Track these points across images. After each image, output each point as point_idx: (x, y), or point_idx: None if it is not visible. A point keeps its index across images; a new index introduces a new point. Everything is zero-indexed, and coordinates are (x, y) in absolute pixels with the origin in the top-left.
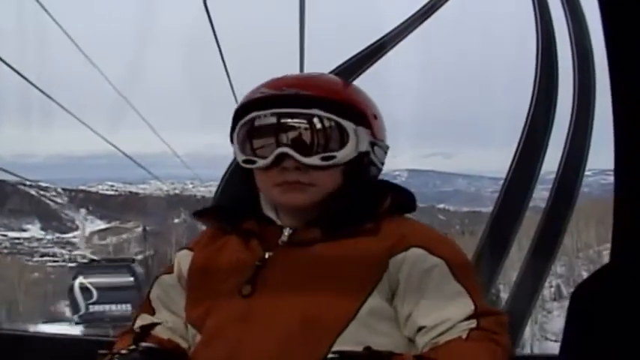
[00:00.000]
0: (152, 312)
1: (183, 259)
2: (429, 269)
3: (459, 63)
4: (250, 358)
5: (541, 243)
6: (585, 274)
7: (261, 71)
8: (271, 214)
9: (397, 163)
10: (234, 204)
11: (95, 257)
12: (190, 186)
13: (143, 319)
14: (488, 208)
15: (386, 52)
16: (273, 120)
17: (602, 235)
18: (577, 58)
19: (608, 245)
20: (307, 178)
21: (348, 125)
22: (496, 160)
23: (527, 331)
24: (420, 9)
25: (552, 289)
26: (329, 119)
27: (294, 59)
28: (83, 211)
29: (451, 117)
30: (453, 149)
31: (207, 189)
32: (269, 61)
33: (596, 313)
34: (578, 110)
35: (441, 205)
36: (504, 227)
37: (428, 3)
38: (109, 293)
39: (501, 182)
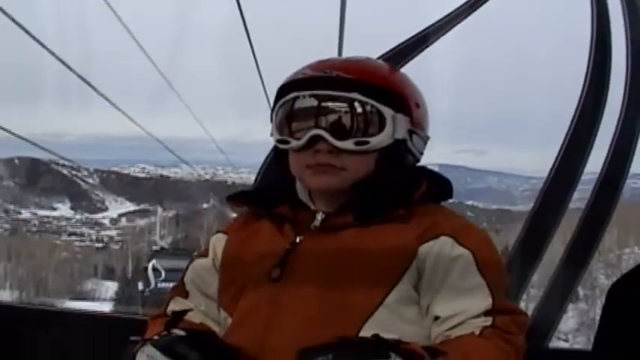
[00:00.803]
0: (186, 295)
1: (217, 243)
2: (454, 259)
3: (500, 61)
4: (278, 341)
5: (578, 242)
6: (602, 278)
7: (297, 61)
8: (305, 199)
9: (429, 157)
10: (268, 188)
11: (121, 239)
12: (222, 172)
13: (176, 303)
14: (517, 207)
15: (428, 46)
16: (312, 101)
17: (623, 239)
18: (631, 58)
19: (628, 250)
20: (339, 161)
21: (387, 111)
22: (529, 160)
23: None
24: (466, 2)
25: None
26: (367, 104)
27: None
28: (114, 192)
29: (487, 114)
30: (486, 146)
31: (239, 175)
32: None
33: (632, 311)
34: (627, 112)
35: (470, 202)
36: (543, 225)
37: None
38: (174, 274)
39: (532, 181)
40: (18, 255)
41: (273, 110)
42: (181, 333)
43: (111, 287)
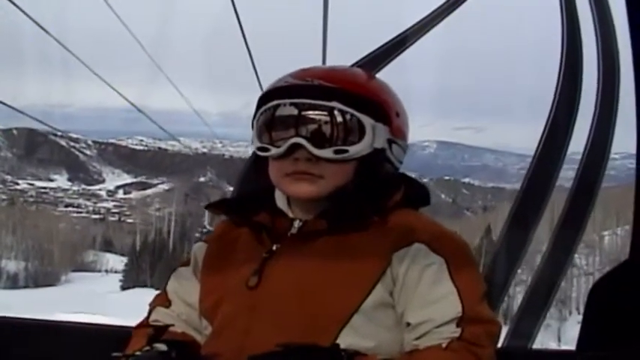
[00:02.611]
0: (168, 304)
1: (198, 252)
2: (427, 266)
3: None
4: (256, 349)
5: (566, 223)
6: (579, 260)
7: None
8: (284, 207)
9: (427, 134)
10: (248, 197)
11: (117, 210)
12: (219, 145)
13: (158, 313)
14: (512, 185)
15: (409, 46)
16: (292, 110)
17: (600, 221)
18: (601, 37)
19: (608, 232)
20: (317, 169)
21: (366, 120)
22: (527, 137)
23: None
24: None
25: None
26: (347, 113)
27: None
28: (111, 164)
29: (488, 91)
30: (486, 123)
31: (235, 149)
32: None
33: (615, 309)
34: (603, 92)
35: (466, 180)
36: (530, 206)
37: None
38: None
39: (529, 159)
40: (18, 226)
41: (254, 117)
42: (162, 347)
43: (111, 260)
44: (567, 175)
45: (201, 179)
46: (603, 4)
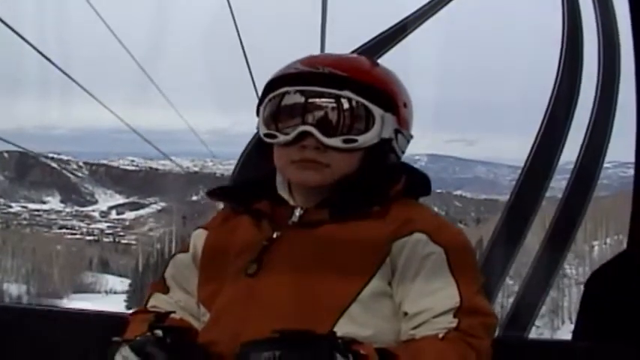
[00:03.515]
0: (166, 290)
1: (197, 239)
2: (427, 256)
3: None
4: (254, 336)
5: (555, 233)
6: (569, 270)
7: (280, 54)
8: (285, 194)
9: (418, 147)
10: (248, 184)
11: (111, 231)
12: (210, 164)
13: (157, 299)
14: (505, 196)
15: (408, 34)
16: (302, 98)
17: (590, 231)
18: (603, 48)
19: (597, 242)
20: (325, 158)
21: (376, 110)
22: (517, 149)
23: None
24: None
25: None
26: (357, 102)
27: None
28: (103, 185)
29: (477, 104)
30: (476, 136)
31: (226, 167)
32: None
33: (610, 300)
34: (601, 100)
35: (458, 192)
36: (520, 216)
37: None
38: None
39: (519, 171)
40: (16, 249)
41: (260, 103)
42: (158, 333)
43: (110, 280)
44: (559, 185)
45: (194, 198)
46: (609, 8)
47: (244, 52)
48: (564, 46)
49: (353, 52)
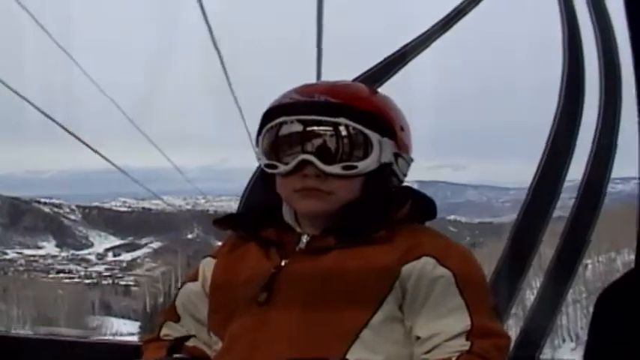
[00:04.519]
0: (177, 319)
1: (206, 267)
2: (436, 279)
3: (475, 77)
4: None
5: (565, 250)
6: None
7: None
8: (291, 221)
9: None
10: (255, 211)
11: (109, 274)
12: (202, 201)
13: (169, 327)
14: (499, 219)
15: (407, 62)
16: (299, 127)
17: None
18: (604, 68)
19: (590, 261)
20: (327, 186)
21: (373, 136)
22: (507, 172)
23: None
24: (443, 18)
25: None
26: (354, 128)
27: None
28: (97, 228)
29: (462, 129)
30: (464, 161)
31: (219, 204)
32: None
33: (621, 319)
34: (604, 118)
35: (452, 217)
36: (527, 237)
37: (451, 12)
38: None
39: (511, 192)
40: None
41: (259, 134)
42: (183, 356)
43: (115, 323)
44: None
45: (189, 236)
46: (609, 30)
47: (231, 87)
48: (565, 68)
49: (353, 80)
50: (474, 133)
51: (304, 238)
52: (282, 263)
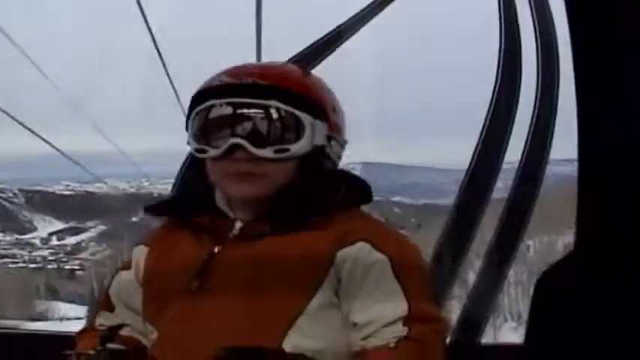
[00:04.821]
0: (112, 309)
1: (139, 255)
2: (371, 265)
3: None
4: (201, 353)
5: (503, 234)
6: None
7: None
8: (224, 207)
9: (351, 156)
10: (187, 197)
11: (54, 258)
12: (147, 184)
13: (104, 317)
14: (444, 200)
15: (342, 42)
16: (229, 110)
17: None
18: (541, 50)
19: (531, 241)
20: (259, 169)
21: (305, 118)
22: (450, 152)
23: None
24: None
25: None
26: (286, 111)
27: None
28: (41, 212)
29: (406, 109)
30: (408, 142)
31: (163, 186)
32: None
33: (560, 301)
34: (541, 100)
35: (397, 198)
36: (467, 219)
37: None
38: None
39: (450, 173)
40: None
41: (188, 118)
42: (118, 347)
43: (61, 307)
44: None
45: (134, 219)
46: (545, 12)
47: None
48: (502, 50)
49: (288, 61)
50: (416, 113)
51: (237, 224)
52: (216, 250)
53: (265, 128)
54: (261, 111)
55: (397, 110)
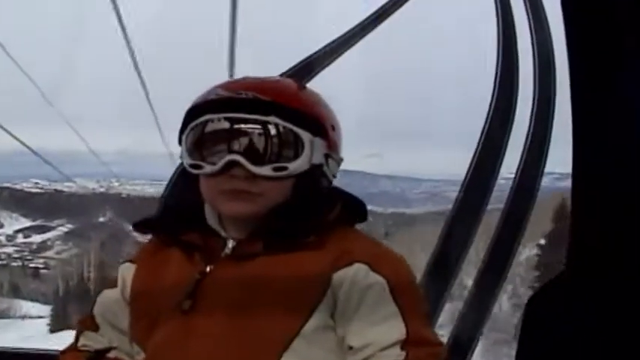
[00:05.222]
0: (96, 328)
1: (126, 273)
2: (368, 287)
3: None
4: None
5: (497, 247)
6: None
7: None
8: (215, 225)
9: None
10: (176, 213)
11: (18, 255)
12: (116, 184)
13: (88, 337)
14: (411, 210)
15: (333, 60)
16: (226, 125)
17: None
18: (538, 63)
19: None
20: (256, 187)
21: (305, 135)
22: (426, 163)
23: None
24: (374, 13)
25: None
26: (285, 127)
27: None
28: (8, 209)
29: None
30: (383, 151)
31: (133, 187)
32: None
33: (551, 321)
34: (537, 113)
35: (368, 207)
36: (462, 230)
37: (380, 9)
38: None
39: (425, 184)
40: None
41: (182, 132)
42: None
43: (24, 306)
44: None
45: (101, 219)
46: (543, 24)
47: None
48: (499, 62)
49: (281, 75)
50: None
51: (230, 243)
52: (207, 269)
53: (263, 145)
54: (259, 127)
55: (374, 120)
